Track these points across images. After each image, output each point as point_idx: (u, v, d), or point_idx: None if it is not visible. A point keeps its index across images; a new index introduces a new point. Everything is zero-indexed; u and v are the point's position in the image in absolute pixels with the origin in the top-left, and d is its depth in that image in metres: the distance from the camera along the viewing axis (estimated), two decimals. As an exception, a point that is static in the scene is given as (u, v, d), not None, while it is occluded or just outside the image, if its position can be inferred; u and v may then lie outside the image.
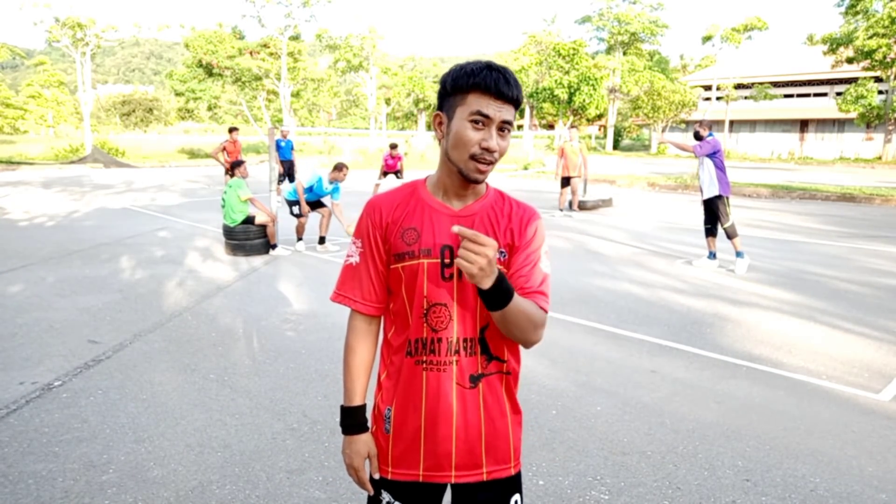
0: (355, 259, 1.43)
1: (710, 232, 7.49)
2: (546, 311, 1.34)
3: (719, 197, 7.27)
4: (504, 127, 1.29)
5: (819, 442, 3.21)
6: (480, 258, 1.15)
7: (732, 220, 7.31)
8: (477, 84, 1.26)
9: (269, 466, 2.93)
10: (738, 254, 7.17)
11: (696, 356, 4.45)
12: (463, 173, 1.31)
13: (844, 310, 5.66)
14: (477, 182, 1.33)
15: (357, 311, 1.44)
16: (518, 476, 1.45)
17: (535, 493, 2.74)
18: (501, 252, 1.35)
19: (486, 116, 1.26)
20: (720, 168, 7.30)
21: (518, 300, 1.25)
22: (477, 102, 1.27)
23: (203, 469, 2.91)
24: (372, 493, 1.45)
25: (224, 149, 12.50)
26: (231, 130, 12.77)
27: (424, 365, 1.36)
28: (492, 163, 1.30)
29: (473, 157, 1.29)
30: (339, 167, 8.18)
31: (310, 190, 8.11)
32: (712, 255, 7.52)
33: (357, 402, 1.43)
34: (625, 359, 4.40)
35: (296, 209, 8.19)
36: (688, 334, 4.93)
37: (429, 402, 1.36)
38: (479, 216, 1.37)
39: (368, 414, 1.47)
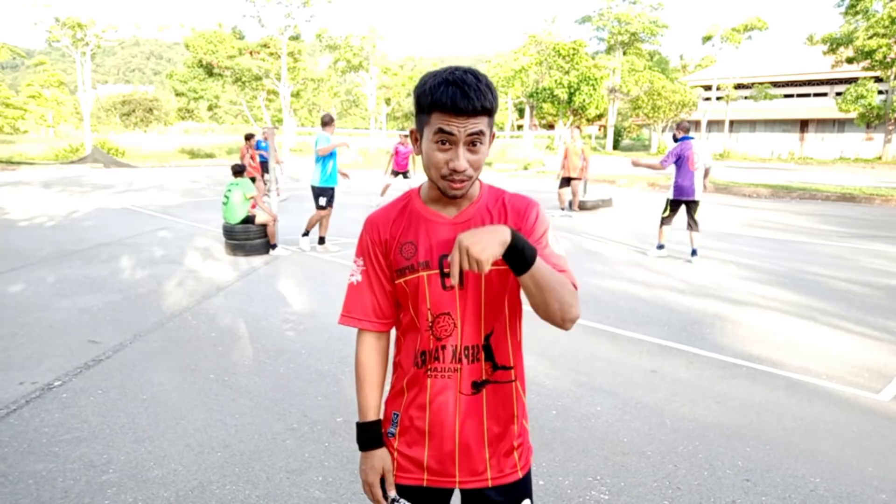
0: (357, 278, 1.44)
1: (688, 226, 7.83)
2: (576, 286, 1.29)
3: (668, 199, 7.80)
4: (474, 140, 1.24)
5: (819, 442, 3.21)
6: (463, 258, 1.14)
7: (665, 216, 7.89)
8: (435, 103, 1.21)
9: (269, 466, 2.93)
10: (660, 245, 8.00)
11: (696, 356, 4.45)
12: (441, 191, 1.30)
13: (844, 310, 5.65)
14: (456, 198, 1.31)
15: (364, 329, 1.44)
16: (527, 479, 1.46)
17: (535, 493, 2.73)
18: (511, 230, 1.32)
19: (450, 134, 1.22)
20: (680, 173, 7.59)
21: (543, 263, 1.21)
22: (438, 121, 1.22)
23: (203, 469, 2.91)
24: None
25: (250, 155, 12.52)
26: (247, 138, 12.76)
27: (430, 372, 1.37)
28: (465, 179, 1.27)
29: (444, 178, 1.27)
30: (328, 121, 7.97)
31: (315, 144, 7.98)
32: (694, 253, 7.77)
33: (371, 417, 1.43)
34: (625, 359, 4.40)
35: (322, 200, 7.90)
36: (688, 334, 4.93)
37: (432, 408, 1.37)
38: (475, 221, 1.35)
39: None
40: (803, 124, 39.60)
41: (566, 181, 11.92)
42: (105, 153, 27.59)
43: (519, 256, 1.17)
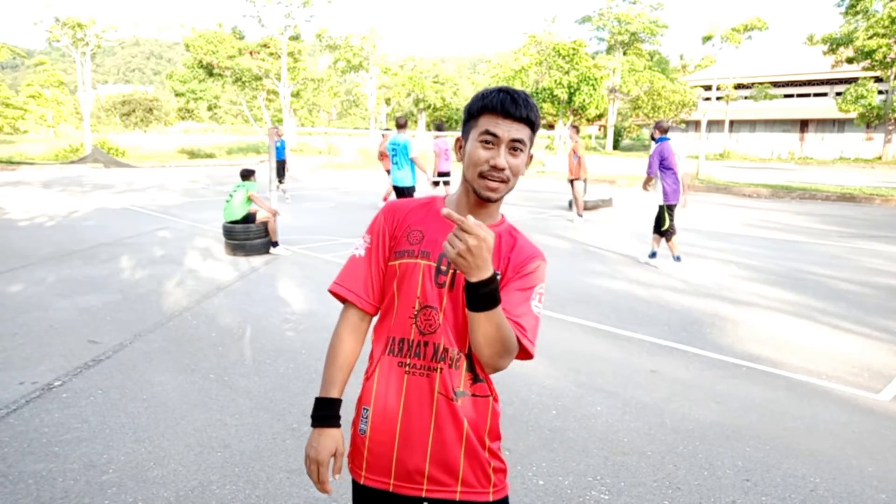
0: (360, 252, 1.45)
1: (663, 232, 7.47)
2: (528, 351, 1.29)
3: (661, 206, 7.36)
4: (515, 146, 1.31)
5: (819, 442, 3.21)
6: (460, 243, 1.12)
7: (667, 227, 7.31)
8: (485, 105, 1.31)
9: (269, 466, 2.93)
10: (652, 253, 7.52)
11: (696, 356, 4.45)
12: (476, 191, 1.33)
13: (844, 310, 5.65)
14: (489, 200, 1.33)
15: (353, 304, 1.43)
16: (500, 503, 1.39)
17: (535, 493, 2.74)
18: (496, 273, 1.28)
19: (494, 135, 1.30)
20: (666, 176, 7.28)
21: (500, 314, 1.19)
22: (486, 122, 1.31)
23: (203, 469, 2.91)
24: (330, 493, 1.41)
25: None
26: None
27: (407, 368, 1.34)
28: (503, 181, 1.32)
29: (482, 175, 1.31)
30: (404, 124, 9.01)
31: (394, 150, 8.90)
32: (652, 255, 7.56)
33: (334, 394, 1.39)
34: (625, 359, 4.40)
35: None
36: (688, 334, 4.93)
37: (407, 409, 1.34)
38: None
39: (349, 414, 1.44)
40: (803, 124, 39.59)
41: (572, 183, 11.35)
42: (105, 153, 27.59)
43: (487, 294, 1.16)
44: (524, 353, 1.30)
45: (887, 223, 11.51)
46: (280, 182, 13.26)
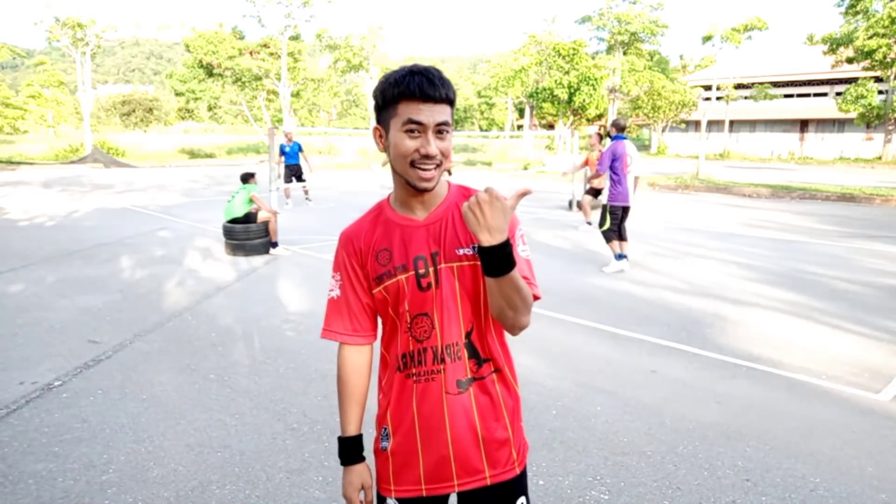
0: (336, 293, 1.45)
1: (617, 235, 7.18)
2: (537, 296, 1.31)
3: (605, 205, 7.08)
4: (441, 129, 1.27)
5: (819, 442, 3.21)
6: (476, 207, 1.15)
7: (605, 229, 7.08)
8: (403, 92, 1.25)
9: (269, 466, 2.93)
10: (619, 256, 7.10)
11: (696, 356, 4.45)
12: (410, 183, 1.30)
13: (844, 310, 5.65)
14: (426, 190, 1.31)
15: (345, 343, 1.45)
16: (523, 475, 1.44)
17: (535, 493, 2.73)
18: (473, 247, 1.32)
19: (419, 123, 1.25)
20: (613, 176, 7.01)
21: (516, 275, 1.21)
22: (407, 110, 1.25)
23: (203, 469, 2.91)
24: None
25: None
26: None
27: (414, 377, 1.37)
28: (437, 166, 1.29)
29: (413, 165, 1.28)
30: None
31: None
32: (619, 257, 7.17)
33: (351, 432, 1.44)
34: (625, 359, 4.40)
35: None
36: (688, 334, 4.93)
37: (421, 414, 1.36)
38: (445, 221, 1.36)
39: (369, 437, 1.48)
40: (803, 124, 39.58)
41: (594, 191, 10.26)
42: (105, 153, 27.59)
43: (501, 258, 1.18)
44: (534, 299, 1.33)
45: (887, 223, 11.51)
46: (302, 182, 13.00)
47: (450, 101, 1.28)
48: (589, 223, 10.29)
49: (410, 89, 1.23)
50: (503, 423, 1.40)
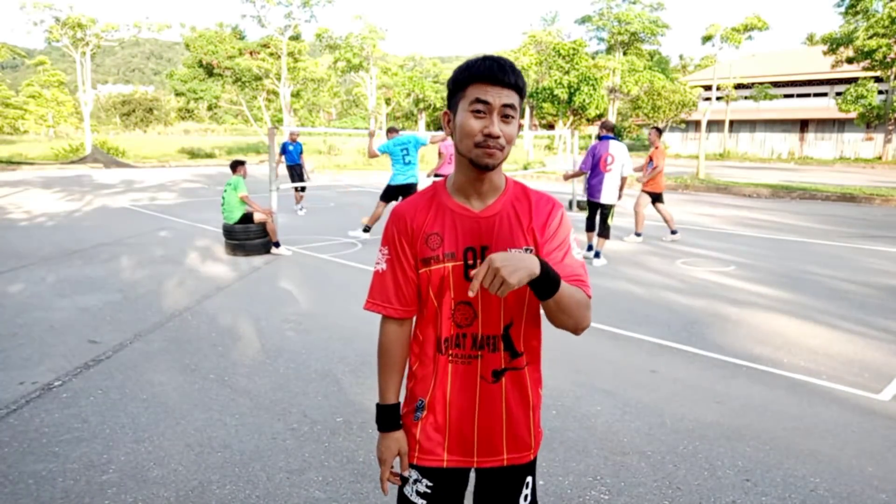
0: (382, 266, 1.48)
1: (599, 231, 7.68)
2: (590, 297, 1.35)
3: (588, 201, 7.68)
4: (507, 112, 1.29)
5: (819, 442, 3.21)
6: (479, 278, 1.15)
7: (588, 223, 7.75)
8: (473, 75, 1.29)
9: (269, 466, 2.93)
10: (596, 253, 7.54)
11: (696, 356, 4.45)
12: (474, 162, 1.32)
13: (844, 310, 5.65)
14: (488, 168, 1.32)
15: (388, 315, 1.48)
16: (535, 460, 1.52)
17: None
18: (527, 249, 1.37)
19: (485, 102, 1.28)
20: (592, 172, 7.46)
21: (566, 286, 1.26)
22: (475, 91, 1.29)
23: (203, 469, 2.91)
24: (386, 494, 1.52)
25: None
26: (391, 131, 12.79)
27: (451, 358, 1.42)
28: (499, 148, 1.31)
29: (478, 145, 1.30)
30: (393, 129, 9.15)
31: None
32: (589, 248, 7.72)
33: (391, 400, 1.50)
34: (625, 359, 4.40)
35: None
36: (688, 334, 4.93)
37: (454, 394, 1.42)
38: (500, 216, 1.39)
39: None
40: (803, 124, 39.57)
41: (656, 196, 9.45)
42: (105, 153, 27.58)
43: (545, 285, 1.21)
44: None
45: (887, 223, 11.51)
46: (299, 190, 12.26)
47: (518, 90, 1.30)
48: (639, 234, 9.52)
49: (480, 71, 1.28)
50: (528, 413, 1.46)
